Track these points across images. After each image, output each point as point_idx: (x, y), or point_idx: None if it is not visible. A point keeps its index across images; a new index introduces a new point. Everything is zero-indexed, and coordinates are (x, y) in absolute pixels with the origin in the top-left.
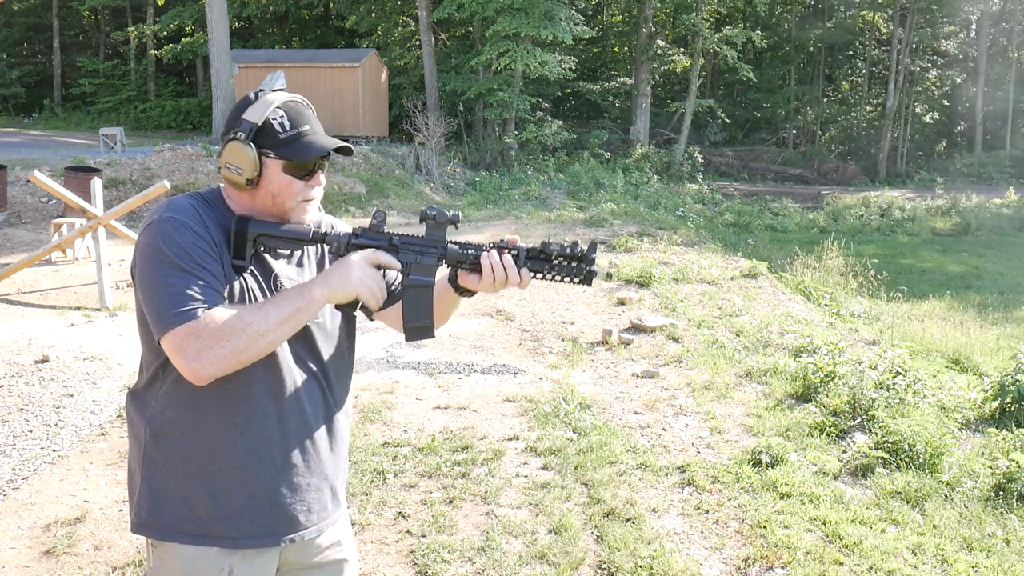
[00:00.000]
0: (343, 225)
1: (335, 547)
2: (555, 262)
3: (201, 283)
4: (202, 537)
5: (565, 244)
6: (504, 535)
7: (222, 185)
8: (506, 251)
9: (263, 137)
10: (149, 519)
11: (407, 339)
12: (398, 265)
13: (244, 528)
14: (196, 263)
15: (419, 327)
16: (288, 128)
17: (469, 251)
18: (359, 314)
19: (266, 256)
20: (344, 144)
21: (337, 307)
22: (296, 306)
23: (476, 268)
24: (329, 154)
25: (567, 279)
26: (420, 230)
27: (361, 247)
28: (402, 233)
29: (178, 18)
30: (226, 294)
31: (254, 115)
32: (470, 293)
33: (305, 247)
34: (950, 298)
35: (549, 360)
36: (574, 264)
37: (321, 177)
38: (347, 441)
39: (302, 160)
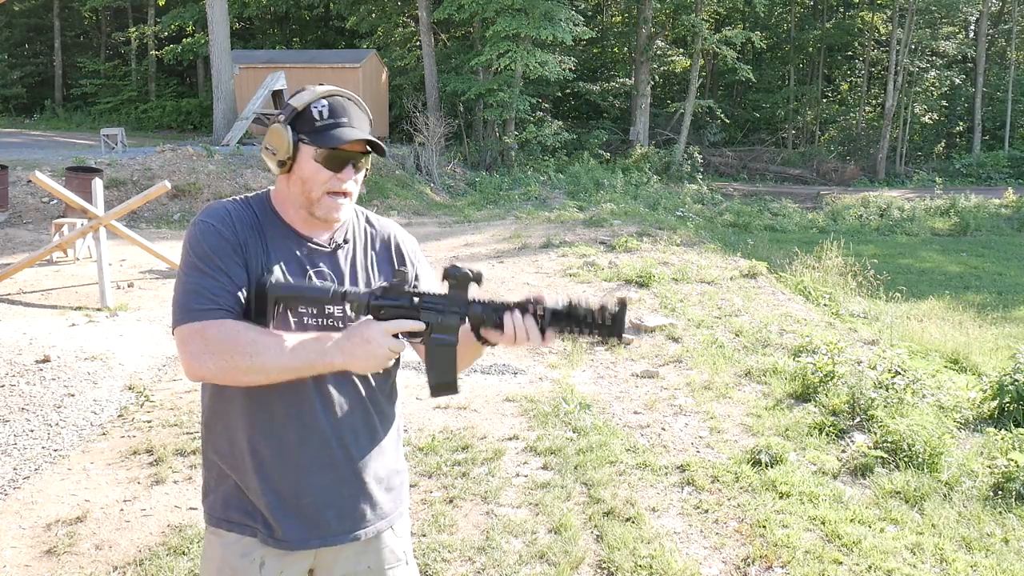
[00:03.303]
0: (389, 223)
1: (376, 556)
2: (582, 323)
3: (215, 284)
4: (243, 526)
5: (594, 308)
6: (504, 534)
7: (272, 188)
8: (530, 312)
9: (301, 123)
10: (204, 504)
11: (432, 395)
12: (421, 327)
13: (273, 527)
14: (215, 266)
15: (443, 384)
16: (326, 117)
17: (491, 311)
18: None
19: (294, 244)
20: (375, 140)
21: None
22: (310, 362)
23: (500, 325)
24: (368, 153)
25: (593, 339)
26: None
27: (381, 308)
28: (424, 292)
29: (179, 19)
30: (244, 294)
31: (298, 101)
32: (493, 344)
33: (348, 232)
34: (949, 298)
35: (549, 360)
36: (602, 330)
37: (351, 172)
38: (394, 445)
39: (328, 147)
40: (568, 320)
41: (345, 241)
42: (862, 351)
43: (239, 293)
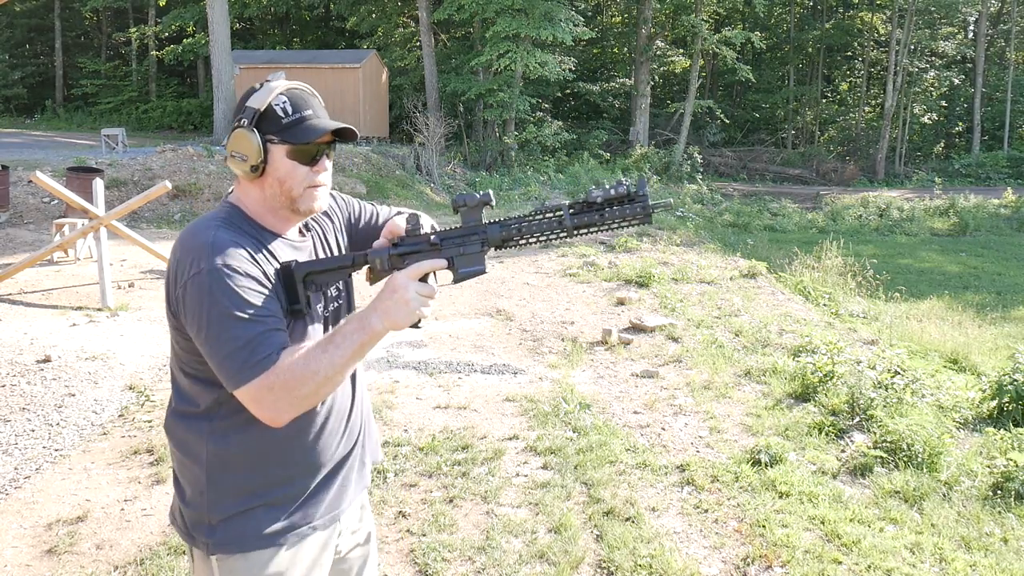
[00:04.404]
0: (352, 200)
1: (367, 511)
2: (606, 211)
3: (262, 329)
4: (286, 535)
5: (610, 188)
6: (504, 534)
7: (231, 194)
8: (546, 216)
9: (266, 123)
10: (226, 536)
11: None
12: (443, 264)
13: (319, 514)
14: (254, 307)
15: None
16: (290, 113)
17: (512, 227)
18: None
19: (282, 248)
20: (346, 126)
21: None
22: (359, 342)
23: (522, 241)
24: (335, 141)
25: (626, 223)
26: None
27: (403, 256)
28: (441, 229)
29: (179, 19)
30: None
31: (257, 102)
32: None
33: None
34: (948, 298)
35: (549, 360)
36: (627, 207)
37: (326, 163)
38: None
39: (303, 142)
40: (589, 210)
41: (308, 225)
42: (862, 351)
43: (283, 326)
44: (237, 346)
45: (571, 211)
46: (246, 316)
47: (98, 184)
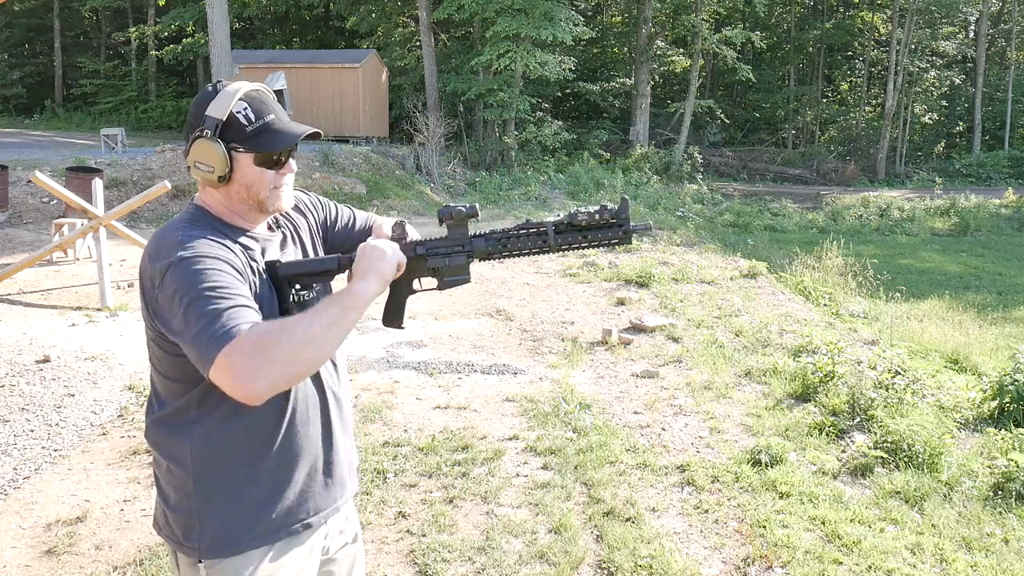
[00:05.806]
0: (329, 203)
1: (352, 509)
2: (588, 233)
3: (232, 302)
4: (276, 534)
5: (594, 211)
6: (504, 534)
7: (195, 197)
8: (531, 232)
9: (230, 132)
10: (215, 540)
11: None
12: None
13: (310, 512)
14: (225, 288)
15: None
16: (254, 120)
17: (495, 242)
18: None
19: (251, 242)
20: (313, 130)
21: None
22: (342, 306)
23: (506, 255)
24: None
25: (605, 243)
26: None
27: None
28: (427, 239)
29: (179, 19)
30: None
31: (217, 110)
32: None
33: (292, 225)
34: (949, 298)
35: (549, 360)
36: (608, 231)
37: (292, 164)
38: None
39: (272, 151)
40: (572, 230)
41: (278, 221)
42: (862, 351)
43: (255, 306)
44: (207, 321)
45: (555, 229)
46: (214, 293)
47: (97, 184)
